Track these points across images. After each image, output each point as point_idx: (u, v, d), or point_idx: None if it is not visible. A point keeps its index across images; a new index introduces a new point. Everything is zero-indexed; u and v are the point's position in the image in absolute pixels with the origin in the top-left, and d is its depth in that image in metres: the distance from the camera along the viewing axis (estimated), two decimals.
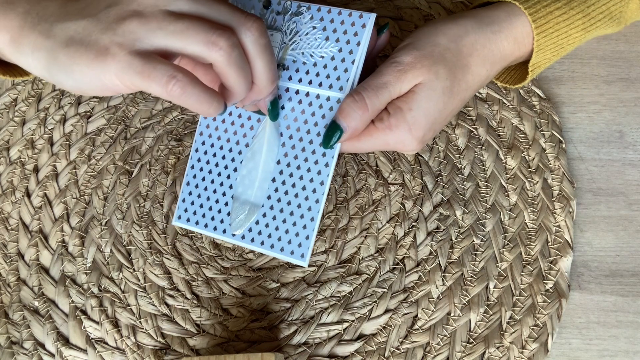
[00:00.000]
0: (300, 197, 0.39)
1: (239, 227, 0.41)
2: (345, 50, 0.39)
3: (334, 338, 0.44)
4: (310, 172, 0.39)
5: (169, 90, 0.31)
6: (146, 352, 0.45)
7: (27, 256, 0.49)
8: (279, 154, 0.41)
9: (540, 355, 0.43)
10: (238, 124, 0.42)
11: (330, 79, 0.39)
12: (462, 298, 0.45)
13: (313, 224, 0.39)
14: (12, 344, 0.46)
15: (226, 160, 0.42)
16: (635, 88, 0.53)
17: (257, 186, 0.41)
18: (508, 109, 0.52)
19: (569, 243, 0.46)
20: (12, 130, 0.54)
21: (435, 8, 0.56)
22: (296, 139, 0.40)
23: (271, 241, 0.40)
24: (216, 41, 0.31)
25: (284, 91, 0.41)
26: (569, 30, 0.40)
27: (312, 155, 0.40)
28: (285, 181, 0.40)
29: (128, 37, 0.31)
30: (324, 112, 0.40)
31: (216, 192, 0.42)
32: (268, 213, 0.40)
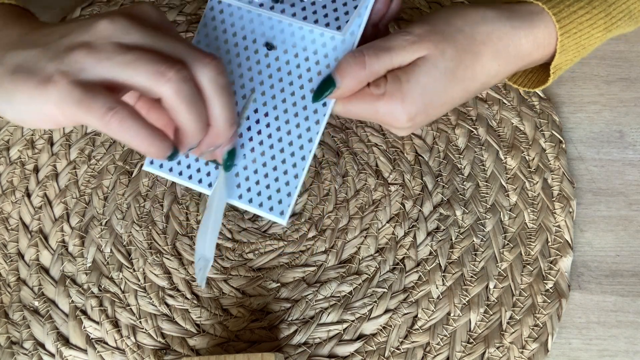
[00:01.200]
0: (285, 152, 0.37)
1: (202, 281, 0.39)
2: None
3: (334, 338, 0.44)
4: (300, 127, 0.38)
5: (106, 123, 0.29)
6: (146, 352, 0.45)
7: (27, 256, 0.49)
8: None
9: (540, 355, 0.43)
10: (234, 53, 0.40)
11: (328, 18, 0.37)
12: (462, 298, 0.45)
13: (296, 181, 0.37)
14: (12, 344, 0.46)
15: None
16: (635, 88, 0.53)
17: (208, 241, 0.39)
18: (508, 109, 0.52)
19: (569, 243, 0.46)
20: (12, 130, 0.54)
21: (436, 8, 0.56)
22: (288, 92, 0.38)
23: (250, 195, 0.37)
24: (164, 72, 0.29)
25: (275, 23, 0.39)
26: (591, 30, 0.39)
27: (304, 111, 0.38)
28: (271, 134, 0.38)
29: (73, 66, 0.30)
30: (318, 58, 0.38)
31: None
32: (249, 166, 0.38)
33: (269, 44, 0.39)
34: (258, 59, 0.39)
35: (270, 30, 0.39)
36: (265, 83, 0.39)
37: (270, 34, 0.39)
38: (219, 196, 0.39)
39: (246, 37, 0.40)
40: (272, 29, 0.39)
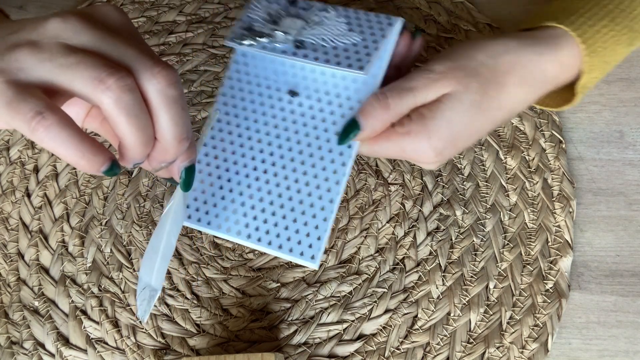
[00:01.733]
0: (313, 196, 0.38)
1: (144, 314, 0.37)
2: (369, 40, 0.39)
3: (334, 338, 0.44)
4: (326, 170, 0.38)
5: (32, 128, 0.26)
6: (146, 352, 0.45)
7: (27, 256, 0.49)
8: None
9: (540, 355, 0.43)
10: (260, 109, 0.41)
11: (350, 60, 0.38)
12: (462, 298, 0.45)
13: (326, 224, 0.37)
14: (12, 344, 0.46)
15: (245, 158, 0.40)
16: (635, 88, 0.53)
17: (157, 268, 0.37)
18: None
19: (569, 243, 0.46)
20: (12, 130, 0.54)
21: (436, 8, 0.56)
22: (312, 136, 0.39)
23: (279, 241, 0.38)
24: (104, 79, 0.27)
25: (299, 70, 0.40)
26: (615, 47, 0.39)
27: (329, 154, 0.39)
28: (298, 179, 0.39)
29: (13, 65, 0.28)
30: (341, 101, 0.39)
31: (232, 191, 0.40)
32: (277, 212, 0.38)
33: (292, 91, 0.40)
34: (282, 106, 0.40)
35: (293, 77, 0.41)
36: (290, 129, 0.40)
37: (293, 81, 0.41)
38: (174, 219, 0.36)
39: (270, 86, 0.41)
40: (294, 76, 0.41)
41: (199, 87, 0.54)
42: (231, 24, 0.57)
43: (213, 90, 0.54)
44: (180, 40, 0.57)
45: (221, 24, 0.57)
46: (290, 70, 0.41)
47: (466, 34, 0.56)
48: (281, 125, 0.40)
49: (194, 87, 0.54)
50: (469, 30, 0.56)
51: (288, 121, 0.40)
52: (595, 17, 0.38)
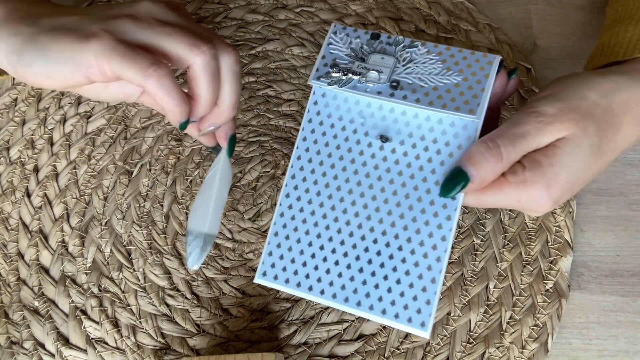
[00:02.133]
0: (417, 254, 0.34)
1: (196, 262, 0.39)
2: (471, 79, 0.35)
3: (334, 338, 0.44)
4: (429, 225, 0.34)
5: (147, 76, 0.32)
6: (146, 352, 0.45)
7: (27, 256, 0.49)
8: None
9: (540, 355, 0.43)
10: (341, 161, 0.37)
11: (457, 102, 0.35)
12: (462, 298, 0.45)
13: (434, 286, 0.34)
14: (12, 344, 0.46)
15: (324, 208, 0.37)
16: None
17: (210, 217, 0.39)
18: (508, 109, 0.52)
19: (569, 243, 0.46)
20: (12, 130, 0.54)
21: (436, 8, 0.56)
22: (410, 186, 0.35)
23: (382, 305, 0.34)
24: (200, 45, 0.33)
25: (387, 112, 0.36)
26: None
27: (431, 207, 0.35)
28: (398, 234, 0.35)
29: (117, 28, 0.33)
30: (439, 147, 0.35)
31: (312, 244, 0.36)
32: (377, 272, 0.34)
33: (384, 136, 0.36)
34: (373, 153, 0.36)
35: (382, 120, 0.37)
36: (384, 178, 0.36)
37: (383, 124, 0.37)
38: (222, 177, 0.41)
39: (357, 131, 0.37)
40: (384, 119, 0.37)
41: None
42: (231, 24, 0.57)
43: None
44: None
45: (221, 23, 0.57)
46: (378, 113, 0.37)
47: (466, 34, 0.56)
48: (373, 174, 0.36)
49: None
50: (469, 30, 0.56)
51: (380, 170, 0.36)
52: None
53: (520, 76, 0.54)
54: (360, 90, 0.37)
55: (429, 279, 0.34)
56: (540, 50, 0.56)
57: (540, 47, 0.56)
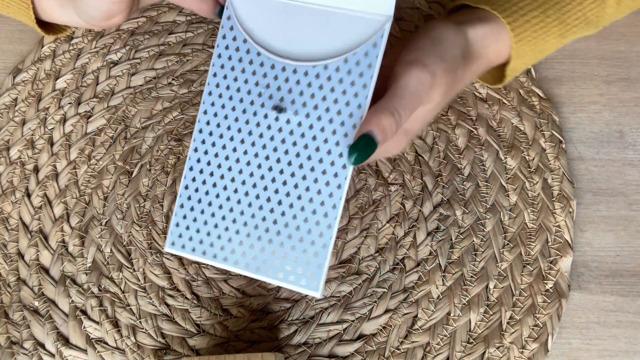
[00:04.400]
0: (310, 222, 0.36)
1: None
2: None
3: (334, 338, 0.44)
4: (321, 194, 0.36)
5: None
6: (146, 352, 0.45)
7: (27, 256, 0.49)
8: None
9: (540, 355, 0.43)
10: (242, 121, 0.38)
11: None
12: (462, 298, 0.45)
13: (325, 251, 0.35)
14: (12, 344, 0.46)
15: (232, 181, 0.38)
16: (635, 88, 0.53)
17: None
18: (508, 109, 0.52)
19: (569, 243, 0.46)
20: (12, 130, 0.54)
21: (436, 8, 0.56)
22: (304, 156, 0.36)
23: (279, 270, 0.36)
24: None
25: (293, 85, 0.37)
26: (545, 37, 0.40)
27: (323, 176, 0.36)
28: (292, 204, 0.36)
29: None
30: (332, 116, 0.36)
31: (214, 215, 0.38)
32: (274, 239, 0.36)
33: (279, 107, 0.37)
34: (269, 124, 0.37)
35: (278, 91, 0.37)
36: (279, 149, 0.37)
37: (279, 95, 0.37)
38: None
39: (254, 102, 0.38)
40: (280, 90, 0.37)
41: (199, 87, 0.54)
42: None
43: None
44: (180, 41, 0.57)
45: None
46: (276, 81, 0.37)
47: None
48: (269, 145, 0.37)
49: (194, 87, 0.54)
50: None
51: (276, 141, 0.37)
52: (528, 7, 0.39)
53: (520, 76, 0.54)
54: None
55: (321, 245, 0.36)
56: None
57: None
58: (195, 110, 0.53)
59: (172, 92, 0.54)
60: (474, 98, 0.53)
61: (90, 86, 0.55)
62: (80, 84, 0.56)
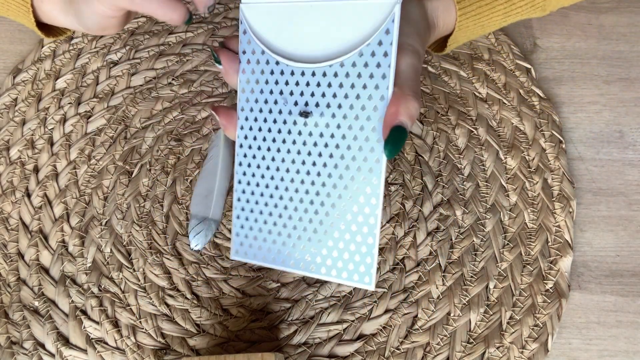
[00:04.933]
0: (353, 219, 0.37)
1: (200, 243, 0.45)
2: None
3: (334, 338, 0.44)
4: (359, 190, 0.36)
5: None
6: (146, 352, 0.45)
7: (27, 256, 0.49)
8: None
9: (540, 355, 0.43)
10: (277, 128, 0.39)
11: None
12: (462, 298, 0.45)
13: (372, 244, 0.36)
14: (12, 344, 0.46)
15: (276, 189, 0.39)
16: (635, 88, 0.53)
17: (214, 204, 0.44)
18: (508, 109, 0.52)
19: (569, 243, 0.46)
20: (12, 130, 0.54)
21: None
22: (337, 156, 0.37)
23: (332, 267, 0.37)
24: None
25: (314, 87, 0.37)
26: (490, 14, 0.42)
27: (358, 173, 0.36)
28: (334, 204, 0.37)
29: None
30: (357, 112, 0.36)
31: (272, 215, 0.39)
32: (323, 240, 0.38)
33: (304, 112, 0.38)
34: (299, 130, 0.38)
35: (301, 96, 0.38)
36: (313, 153, 0.38)
37: (302, 100, 0.38)
38: (223, 166, 0.42)
39: (282, 112, 0.39)
40: (303, 95, 0.38)
41: (199, 87, 0.54)
42: (231, 24, 0.57)
43: (213, 90, 0.54)
44: (180, 41, 0.57)
45: (221, 24, 0.57)
46: (298, 87, 0.38)
47: None
48: (303, 150, 0.38)
49: (194, 87, 0.54)
50: None
51: (309, 145, 0.38)
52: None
53: (520, 76, 0.54)
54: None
55: (367, 239, 0.36)
56: (540, 50, 0.56)
57: (540, 47, 0.56)
58: (196, 110, 0.53)
59: (172, 92, 0.54)
60: (474, 98, 0.53)
61: (90, 86, 0.55)
62: (80, 84, 0.56)
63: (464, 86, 0.53)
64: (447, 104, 0.53)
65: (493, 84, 0.53)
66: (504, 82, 0.53)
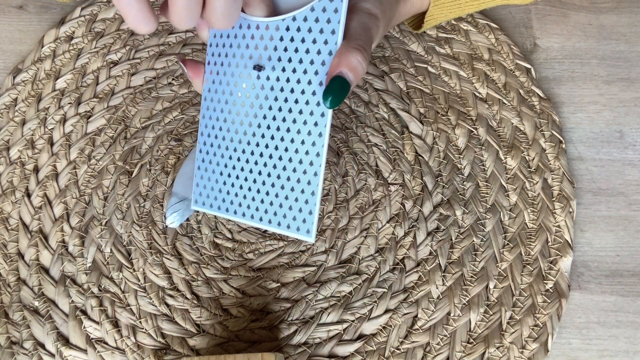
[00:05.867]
0: (298, 172, 0.38)
1: (175, 221, 0.47)
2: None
3: (334, 338, 0.44)
4: (305, 144, 0.37)
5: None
6: (146, 352, 0.45)
7: (27, 256, 0.49)
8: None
9: (540, 355, 0.43)
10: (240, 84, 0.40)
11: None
12: (462, 298, 0.45)
13: (314, 198, 0.37)
14: (12, 344, 0.46)
15: (238, 134, 0.40)
16: (635, 88, 0.53)
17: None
18: (508, 109, 0.52)
19: (569, 243, 0.46)
20: (12, 130, 0.54)
21: None
22: (285, 109, 0.38)
23: (277, 219, 0.39)
24: None
25: (268, 41, 0.38)
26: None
27: (304, 126, 0.37)
28: (281, 156, 0.38)
29: None
30: (305, 67, 0.37)
31: (227, 167, 0.41)
32: (270, 191, 0.39)
33: (257, 65, 0.39)
34: (253, 83, 0.39)
35: (256, 50, 0.39)
36: (264, 106, 0.39)
37: (257, 54, 0.39)
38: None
39: (238, 65, 0.40)
40: (257, 48, 0.39)
41: None
42: None
43: None
44: (180, 41, 0.57)
45: None
46: (253, 41, 0.39)
47: (466, 34, 0.56)
48: (255, 103, 0.39)
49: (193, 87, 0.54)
50: (468, 30, 0.56)
51: (260, 98, 0.39)
52: None
53: (520, 76, 0.54)
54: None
55: (310, 192, 0.38)
56: (540, 50, 0.56)
57: (540, 47, 0.56)
58: (196, 110, 0.53)
59: (172, 92, 0.54)
60: (474, 98, 0.53)
61: (90, 86, 0.55)
62: (80, 84, 0.56)
63: (464, 86, 0.53)
64: (447, 104, 0.53)
65: (493, 84, 0.53)
66: (504, 82, 0.53)
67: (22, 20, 0.60)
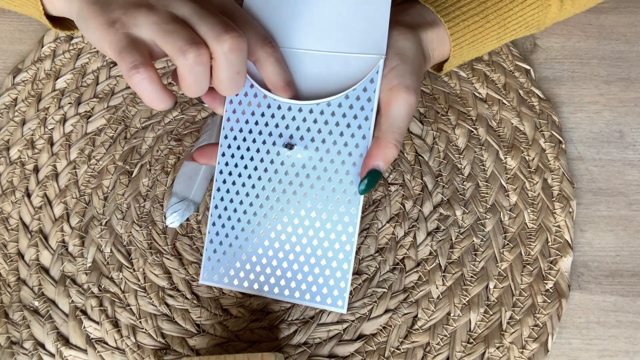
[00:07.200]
0: (330, 246, 0.39)
1: (175, 221, 0.47)
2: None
3: (334, 338, 0.44)
4: (338, 219, 0.39)
5: (128, 76, 0.34)
6: (146, 352, 0.45)
7: (27, 256, 0.49)
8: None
9: (540, 355, 0.43)
10: (258, 160, 0.41)
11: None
12: (462, 298, 0.45)
13: (346, 270, 0.39)
14: (12, 344, 0.46)
15: (254, 215, 0.41)
16: (635, 88, 0.53)
17: (197, 186, 0.47)
18: (508, 109, 0.52)
19: (569, 243, 0.46)
20: (12, 130, 0.54)
21: None
22: (318, 187, 0.39)
23: (306, 292, 0.39)
24: (186, 52, 0.34)
25: (300, 122, 0.39)
26: (484, 40, 0.43)
27: (337, 203, 0.39)
28: (312, 231, 0.39)
29: (131, 20, 0.35)
30: (339, 148, 0.39)
31: (247, 241, 0.41)
32: (299, 265, 0.39)
33: (289, 144, 0.40)
34: (282, 160, 0.40)
35: (287, 129, 0.40)
36: (294, 182, 0.40)
37: (288, 133, 0.40)
38: (216, 141, 0.42)
39: (266, 142, 0.40)
40: (288, 128, 0.40)
41: None
42: None
43: None
44: None
45: None
46: (284, 121, 0.40)
47: None
48: (284, 179, 0.40)
49: None
50: None
51: (290, 175, 0.40)
52: (470, 12, 0.42)
53: (520, 77, 0.54)
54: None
55: (342, 265, 0.39)
56: (540, 50, 0.56)
57: (540, 47, 0.56)
58: (195, 110, 0.53)
59: None
60: (474, 98, 0.53)
61: (90, 86, 0.55)
62: (80, 84, 0.56)
63: (464, 86, 0.54)
64: (447, 104, 0.53)
65: (493, 85, 0.53)
66: (504, 83, 0.53)
67: (22, 20, 0.60)
